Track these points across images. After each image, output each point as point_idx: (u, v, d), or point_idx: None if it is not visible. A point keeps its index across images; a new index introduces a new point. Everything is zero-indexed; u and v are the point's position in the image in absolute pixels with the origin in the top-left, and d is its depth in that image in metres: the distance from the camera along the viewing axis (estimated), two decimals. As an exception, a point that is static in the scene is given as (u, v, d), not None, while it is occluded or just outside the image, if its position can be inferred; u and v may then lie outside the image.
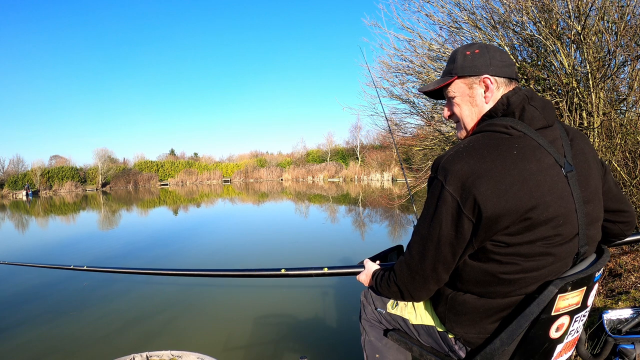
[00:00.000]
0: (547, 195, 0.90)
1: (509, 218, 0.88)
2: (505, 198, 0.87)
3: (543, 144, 0.94)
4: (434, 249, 0.95)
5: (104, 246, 8.86)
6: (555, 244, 0.93)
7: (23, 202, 28.45)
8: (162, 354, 1.74)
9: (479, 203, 0.87)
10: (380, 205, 14.83)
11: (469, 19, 4.27)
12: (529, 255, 0.92)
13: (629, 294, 2.83)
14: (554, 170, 0.93)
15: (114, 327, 4.10)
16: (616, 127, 3.69)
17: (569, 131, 1.05)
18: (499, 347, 0.94)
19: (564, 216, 0.92)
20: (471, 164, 0.89)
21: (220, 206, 19.85)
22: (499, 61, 1.03)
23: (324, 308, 4.44)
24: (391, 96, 5.81)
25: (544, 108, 0.98)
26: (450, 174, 0.90)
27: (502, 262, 0.93)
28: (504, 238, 0.90)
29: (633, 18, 3.45)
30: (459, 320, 1.05)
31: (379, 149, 34.52)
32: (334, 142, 45.09)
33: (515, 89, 1.02)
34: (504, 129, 0.94)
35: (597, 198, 1.02)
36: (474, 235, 0.91)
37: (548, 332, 0.95)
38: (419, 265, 0.99)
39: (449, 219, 0.91)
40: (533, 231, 0.90)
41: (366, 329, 1.39)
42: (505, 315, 0.98)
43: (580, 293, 0.96)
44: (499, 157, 0.90)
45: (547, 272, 0.95)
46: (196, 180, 43.66)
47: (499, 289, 0.97)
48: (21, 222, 16.97)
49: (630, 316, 1.73)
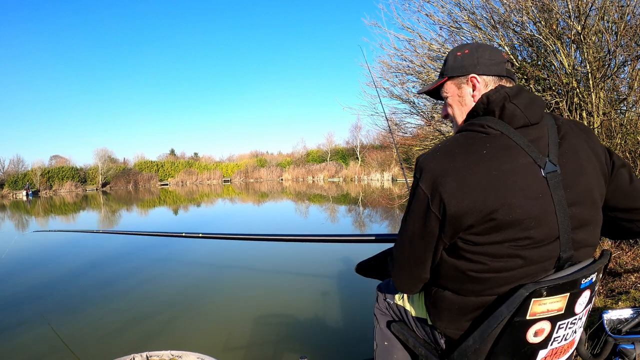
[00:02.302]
0: (516, 197, 0.87)
1: (473, 217, 0.88)
2: (470, 197, 0.87)
3: (520, 143, 0.92)
4: (409, 242, 1.00)
5: (104, 246, 8.86)
6: (525, 247, 0.90)
7: (23, 202, 28.47)
8: (162, 354, 1.74)
9: (444, 201, 0.89)
10: (380, 205, 14.83)
11: (469, 18, 4.27)
12: (496, 255, 0.91)
13: (629, 294, 2.83)
14: (530, 170, 0.90)
15: (114, 327, 4.10)
16: (616, 127, 3.69)
17: (561, 128, 1.00)
18: (472, 345, 0.95)
19: (536, 219, 0.89)
20: (442, 163, 0.92)
21: (220, 206, 19.86)
22: (487, 59, 1.03)
23: (324, 308, 4.44)
24: (391, 96, 5.82)
25: (528, 106, 0.95)
26: (424, 172, 0.93)
27: (472, 261, 0.94)
28: (471, 237, 0.92)
29: (633, 18, 3.45)
30: (439, 315, 1.08)
31: (379, 149, 34.51)
32: (334, 142, 45.19)
33: (498, 87, 1.01)
34: (481, 128, 0.95)
35: (589, 200, 0.95)
36: (442, 231, 0.93)
37: (524, 335, 0.93)
38: (398, 256, 1.05)
39: (421, 214, 0.94)
40: (500, 232, 0.89)
41: (378, 317, 1.43)
42: (479, 315, 0.99)
43: (563, 299, 0.92)
44: (469, 156, 0.91)
45: (520, 275, 0.93)
46: (196, 180, 43.67)
47: (470, 287, 0.98)
48: (21, 222, 16.97)
49: (630, 316, 1.73)
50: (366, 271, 1.43)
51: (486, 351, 0.96)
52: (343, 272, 5.50)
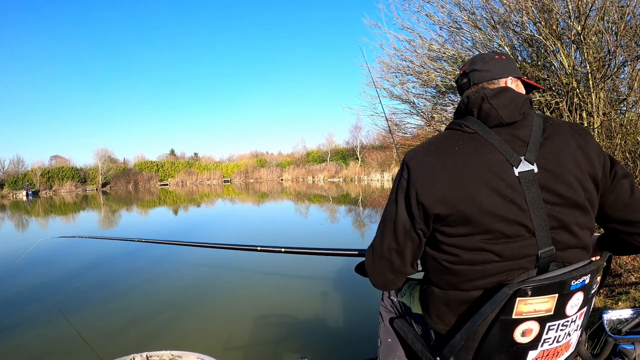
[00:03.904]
0: (481, 191, 0.92)
1: (440, 207, 0.94)
2: (437, 188, 0.95)
3: (493, 142, 0.96)
4: (392, 228, 1.03)
5: (104, 246, 8.86)
6: (496, 241, 0.93)
7: (23, 202, 28.46)
8: (162, 354, 1.74)
9: (417, 191, 0.97)
10: (380, 205, 14.84)
11: (469, 19, 4.27)
12: (468, 248, 0.96)
13: (629, 294, 2.83)
14: (501, 167, 0.93)
15: (114, 327, 4.10)
16: (616, 127, 3.69)
17: (547, 129, 1.00)
18: (459, 341, 0.97)
19: (504, 213, 0.91)
20: (419, 157, 1.01)
21: (221, 206, 19.86)
22: (479, 67, 1.12)
23: (324, 308, 4.44)
24: (391, 96, 5.82)
25: (505, 106, 0.98)
26: (405, 164, 1.02)
27: (447, 252, 1.00)
28: (444, 228, 0.98)
29: (633, 18, 3.45)
30: (429, 310, 1.11)
31: (379, 149, 34.49)
32: (334, 142, 45.16)
33: (479, 89, 1.07)
34: (458, 127, 1.03)
35: (570, 201, 0.95)
36: (416, 219, 0.99)
37: (511, 335, 0.94)
38: (379, 245, 1.07)
39: (400, 201, 1.02)
40: (467, 225, 0.94)
41: (383, 315, 1.45)
42: (464, 311, 1.01)
43: (551, 300, 0.91)
44: (441, 151, 0.99)
45: (495, 270, 0.95)
46: (196, 181, 43.66)
47: (447, 279, 1.02)
48: (21, 222, 16.97)
49: (630, 316, 1.73)
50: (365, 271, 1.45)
51: (474, 348, 0.97)
52: (343, 272, 5.50)
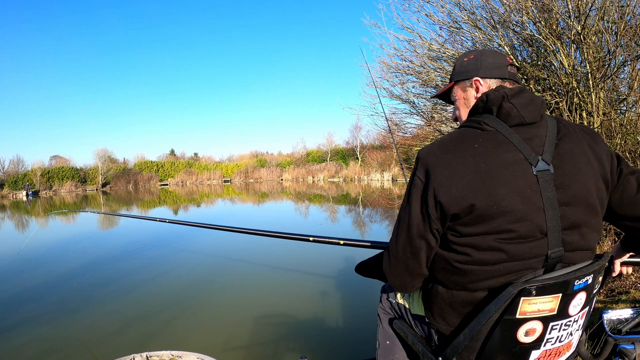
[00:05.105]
0: (501, 189, 0.90)
1: (459, 206, 0.92)
2: (457, 186, 0.92)
3: (513, 140, 0.95)
4: (406, 229, 1.02)
5: (103, 246, 8.86)
6: (509, 241, 0.92)
7: (23, 202, 28.45)
8: (162, 354, 1.74)
9: (435, 189, 0.94)
10: (380, 205, 14.83)
11: (469, 19, 4.27)
12: (480, 247, 0.94)
13: (629, 294, 2.83)
14: (520, 166, 0.92)
15: (114, 327, 4.10)
16: (616, 127, 3.69)
17: (561, 130, 1.01)
18: (462, 341, 0.96)
19: (522, 213, 0.90)
20: (436, 154, 0.97)
21: (220, 206, 19.85)
22: (490, 63, 1.10)
23: (324, 308, 4.44)
24: (391, 96, 5.82)
25: (525, 106, 0.98)
26: (421, 162, 0.99)
27: (458, 252, 0.98)
28: (458, 227, 0.95)
29: (633, 18, 3.45)
30: (432, 310, 1.10)
31: (379, 149, 34.50)
32: (334, 142, 45.17)
33: (498, 87, 1.05)
34: (477, 125, 1.00)
35: (583, 202, 0.95)
36: (435, 219, 0.97)
37: (515, 334, 0.93)
38: (394, 246, 1.06)
39: (418, 201, 0.99)
40: (484, 223, 0.92)
41: (381, 317, 1.44)
42: (469, 311, 1.00)
43: (554, 300, 0.91)
44: (460, 149, 0.95)
45: (504, 270, 0.94)
46: (196, 181, 43.66)
47: (456, 279, 1.00)
48: (21, 222, 16.97)
49: (630, 316, 1.73)
50: (366, 271, 1.46)
51: (477, 348, 0.97)
52: (343, 272, 5.50)
